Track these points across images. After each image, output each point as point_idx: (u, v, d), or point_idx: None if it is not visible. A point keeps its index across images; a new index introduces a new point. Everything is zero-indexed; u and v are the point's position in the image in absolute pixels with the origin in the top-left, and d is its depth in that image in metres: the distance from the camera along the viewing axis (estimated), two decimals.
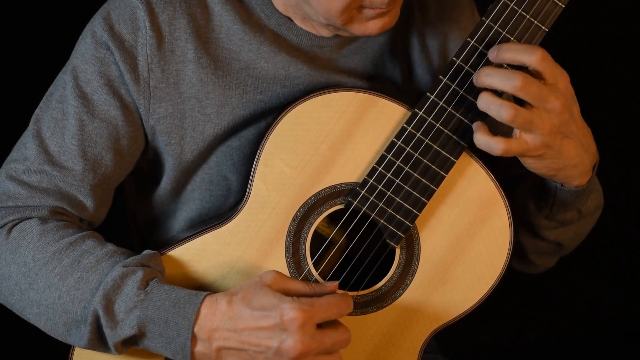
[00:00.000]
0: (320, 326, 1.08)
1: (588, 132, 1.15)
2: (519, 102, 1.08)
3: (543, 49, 1.07)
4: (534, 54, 1.06)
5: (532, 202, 1.22)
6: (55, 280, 1.10)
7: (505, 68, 1.08)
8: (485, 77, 1.07)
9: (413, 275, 1.16)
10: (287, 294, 1.07)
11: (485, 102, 1.07)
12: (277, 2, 1.19)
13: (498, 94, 1.09)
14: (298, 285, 1.09)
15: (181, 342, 1.07)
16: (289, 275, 1.14)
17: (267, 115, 1.20)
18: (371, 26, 1.13)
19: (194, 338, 1.07)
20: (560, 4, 1.09)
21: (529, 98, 1.06)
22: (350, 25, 1.13)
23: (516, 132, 1.08)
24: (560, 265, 2.11)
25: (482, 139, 1.08)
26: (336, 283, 1.11)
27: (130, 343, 1.09)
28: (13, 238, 1.13)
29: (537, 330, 2.24)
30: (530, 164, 1.13)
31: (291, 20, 1.20)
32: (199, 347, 1.07)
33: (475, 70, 1.11)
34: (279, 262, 1.15)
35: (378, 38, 1.23)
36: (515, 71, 1.06)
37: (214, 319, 1.07)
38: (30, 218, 1.15)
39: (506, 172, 1.31)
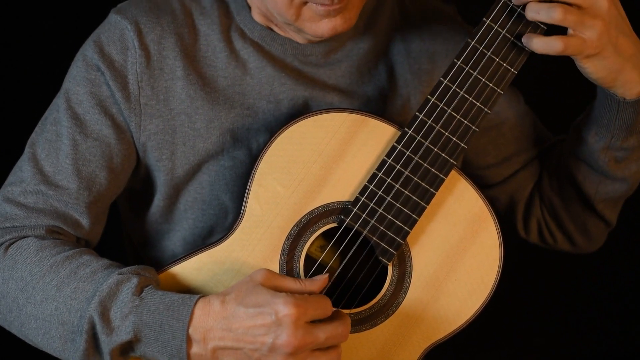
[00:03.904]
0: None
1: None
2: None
3: None
4: None
5: (594, 133, 1.24)
6: (53, 292, 1.12)
7: None
8: None
9: (406, 292, 1.18)
10: (279, 290, 1.09)
11: (534, 10, 1.10)
12: (255, 15, 1.24)
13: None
14: (289, 282, 1.11)
15: (177, 344, 1.08)
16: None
17: (256, 132, 1.23)
18: (322, 26, 1.15)
19: (189, 340, 1.08)
20: (542, 26, 1.13)
21: (573, 0, 1.09)
22: (302, 23, 1.16)
23: (570, 31, 1.11)
24: (558, 288, 2.12)
25: (540, 41, 1.11)
26: (326, 276, 1.13)
27: (126, 350, 1.10)
28: (10, 255, 1.15)
29: (535, 356, 2.24)
30: (590, 67, 1.14)
31: (273, 30, 1.24)
32: (195, 349, 1.08)
33: (462, 90, 1.14)
34: None
35: (363, 45, 1.27)
36: None
37: (208, 319, 1.08)
38: (28, 237, 1.17)
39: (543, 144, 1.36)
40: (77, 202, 1.19)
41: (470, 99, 1.15)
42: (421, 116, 1.15)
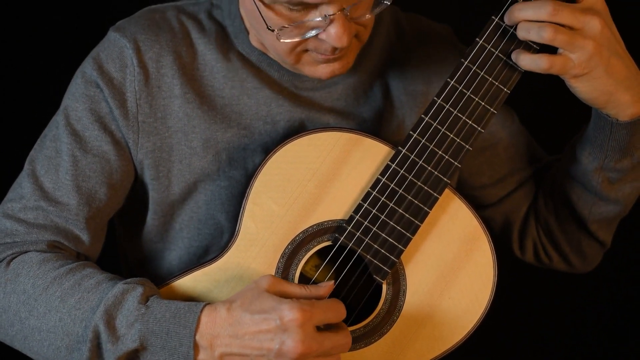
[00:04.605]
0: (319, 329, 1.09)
1: (633, 63, 1.17)
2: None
3: None
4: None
5: (587, 153, 1.24)
6: (56, 303, 1.12)
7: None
8: (519, 11, 1.11)
9: (400, 311, 1.18)
10: (285, 297, 1.09)
11: (525, 29, 1.11)
12: (252, 40, 1.25)
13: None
14: (295, 288, 1.12)
15: (184, 351, 1.08)
16: None
17: (252, 152, 1.24)
18: (320, 70, 1.17)
19: (196, 346, 1.08)
20: (535, 46, 1.14)
21: (565, 21, 1.09)
22: (301, 66, 1.18)
23: (560, 51, 1.11)
24: (552, 306, 2.12)
25: (527, 57, 1.12)
26: (332, 283, 1.13)
27: (131, 359, 1.10)
28: (12, 269, 1.15)
29: None
30: (579, 87, 1.14)
31: (269, 56, 1.25)
32: (202, 355, 1.09)
33: (455, 109, 1.15)
34: None
35: (359, 68, 1.28)
36: (546, 0, 1.09)
37: (215, 326, 1.08)
38: (29, 251, 1.17)
39: (538, 164, 1.36)
40: (77, 218, 1.20)
41: (464, 118, 1.15)
42: (415, 135, 1.16)
